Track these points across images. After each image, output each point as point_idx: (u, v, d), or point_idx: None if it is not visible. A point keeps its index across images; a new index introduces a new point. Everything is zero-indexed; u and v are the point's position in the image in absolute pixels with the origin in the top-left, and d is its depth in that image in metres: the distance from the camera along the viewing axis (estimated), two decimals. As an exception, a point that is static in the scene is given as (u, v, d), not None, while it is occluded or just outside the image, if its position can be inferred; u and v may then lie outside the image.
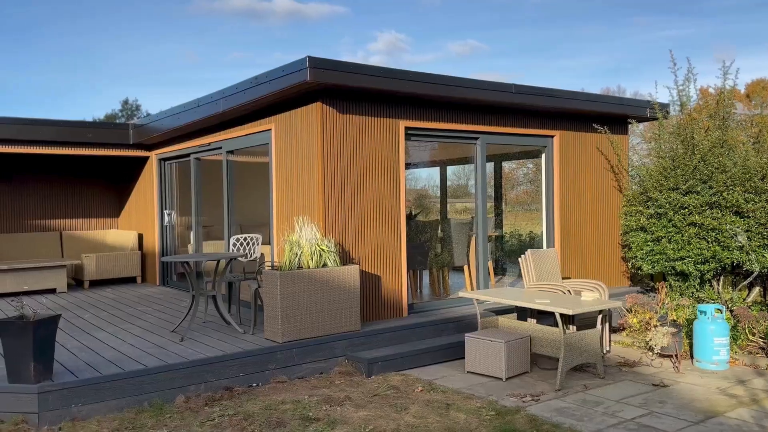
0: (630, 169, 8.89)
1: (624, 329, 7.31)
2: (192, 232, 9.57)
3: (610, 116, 8.71)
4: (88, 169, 11.57)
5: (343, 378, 5.70)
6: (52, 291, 9.68)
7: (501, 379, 5.66)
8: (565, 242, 8.42)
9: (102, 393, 4.77)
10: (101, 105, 57.96)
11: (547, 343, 5.74)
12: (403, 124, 6.90)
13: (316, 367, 5.87)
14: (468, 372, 5.90)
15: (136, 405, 4.89)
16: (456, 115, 7.36)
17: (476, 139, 7.63)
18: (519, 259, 7.00)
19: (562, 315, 5.55)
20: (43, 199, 11.21)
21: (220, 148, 8.37)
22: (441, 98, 6.93)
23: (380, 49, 63.59)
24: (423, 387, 5.41)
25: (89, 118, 31.37)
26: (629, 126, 9.16)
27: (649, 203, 8.01)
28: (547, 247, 8.35)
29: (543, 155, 8.40)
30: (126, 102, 38.59)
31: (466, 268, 8.34)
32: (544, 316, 6.39)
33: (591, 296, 5.95)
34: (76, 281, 10.67)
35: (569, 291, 6.44)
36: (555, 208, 8.35)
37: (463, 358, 6.18)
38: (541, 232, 8.58)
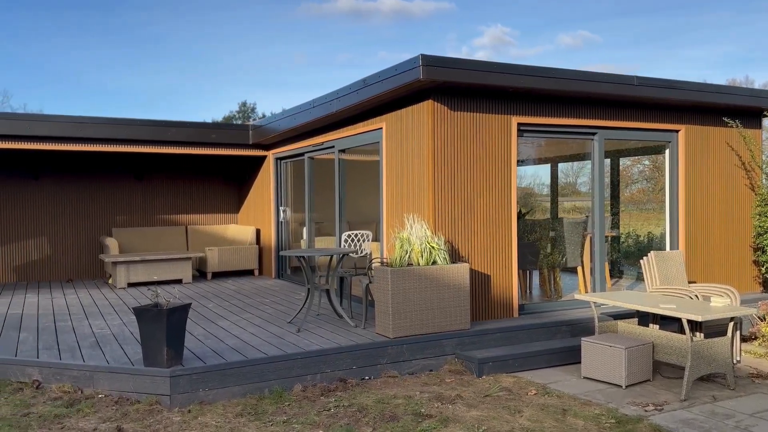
0: (764, 166, 8.19)
1: (756, 338, 6.76)
2: (305, 228, 9.91)
3: (742, 109, 8.06)
4: (211, 167, 12.32)
5: (453, 376, 5.69)
6: (179, 281, 10.39)
7: (620, 386, 5.41)
8: (690, 244, 7.89)
9: (227, 379, 5.06)
10: (219, 107, 61.26)
11: (672, 351, 5.42)
12: (515, 120, 6.76)
13: (426, 364, 5.89)
14: (584, 377, 5.69)
15: (257, 392, 5.14)
16: (572, 109, 7.11)
17: (594, 134, 7.33)
18: (641, 261, 6.65)
19: (689, 321, 5.21)
20: (170, 196, 12.07)
21: (333, 147, 8.60)
22: (556, 92, 6.72)
23: (486, 44, 62.75)
24: (537, 390, 5.28)
25: (208, 120, 33.34)
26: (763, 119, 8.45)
27: (788, 203, 7.33)
28: (670, 248, 7.87)
29: (666, 151, 7.93)
30: (243, 104, 40.64)
31: (579, 269, 8.05)
32: (668, 322, 6.04)
33: (721, 302, 5.54)
34: (200, 272, 11.39)
35: (696, 296, 6.03)
36: (679, 208, 7.85)
37: (578, 362, 5.98)
38: (662, 232, 8.10)
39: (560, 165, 11.71)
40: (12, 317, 7.42)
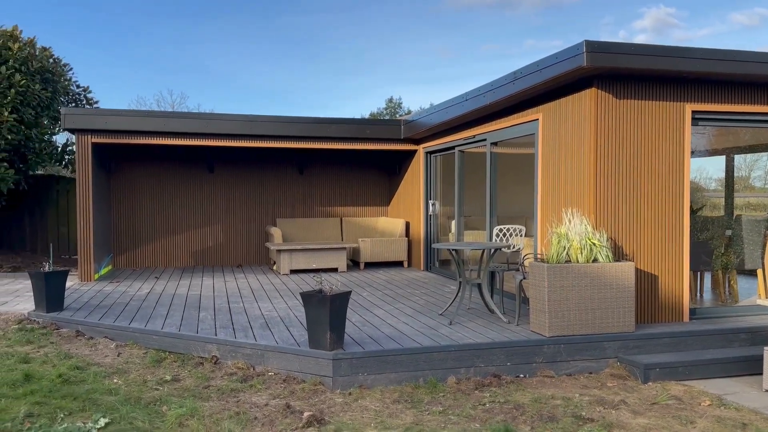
0: None
1: None
2: (454, 222, 9.92)
3: None
4: (363, 161, 12.77)
5: (616, 380, 5.40)
6: (335, 270, 10.90)
7: (813, 404, 4.81)
8: None
9: (384, 365, 5.22)
10: (363, 103, 62.75)
11: None
12: (689, 107, 6.24)
13: (585, 366, 5.65)
14: (766, 390, 5.14)
15: (411, 380, 5.25)
16: (756, 95, 6.42)
17: (781, 122, 6.56)
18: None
19: None
20: (327, 189, 12.69)
21: (485, 140, 8.51)
22: (737, 77, 6.10)
23: (646, 26, 58.28)
24: (711, 401, 4.86)
25: (357, 117, 34.35)
26: None
27: None
28: None
29: None
30: (390, 100, 41.55)
31: (759, 272, 7.28)
32: None
33: None
34: (353, 262, 11.87)
35: None
36: None
37: (759, 374, 5.42)
38: None
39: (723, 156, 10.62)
40: (192, 298, 8.23)
